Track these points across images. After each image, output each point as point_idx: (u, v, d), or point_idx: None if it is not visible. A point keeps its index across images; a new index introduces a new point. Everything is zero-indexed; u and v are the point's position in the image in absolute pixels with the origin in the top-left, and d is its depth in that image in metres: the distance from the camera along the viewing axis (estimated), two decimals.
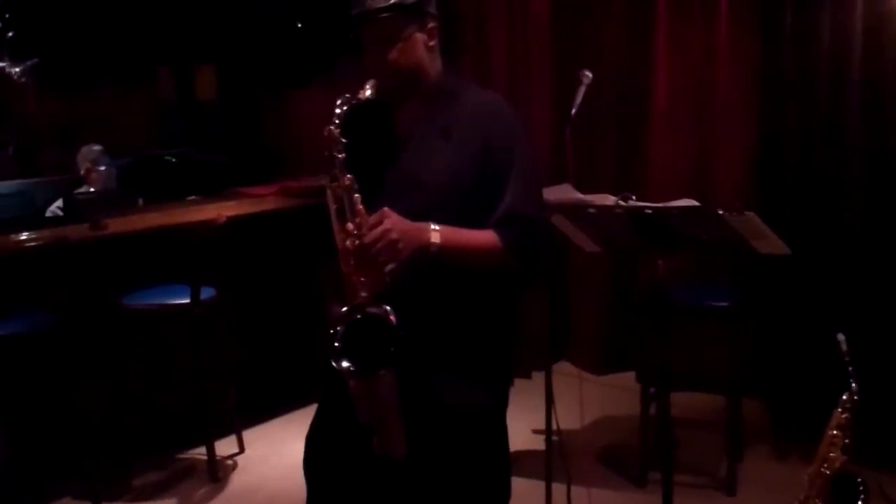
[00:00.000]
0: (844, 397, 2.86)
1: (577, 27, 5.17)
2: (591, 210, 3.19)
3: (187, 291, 4.32)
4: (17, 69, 6.58)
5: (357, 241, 2.16)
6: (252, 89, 7.14)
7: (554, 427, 3.70)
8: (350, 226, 2.19)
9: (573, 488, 3.78)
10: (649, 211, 3.10)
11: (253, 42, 6.87)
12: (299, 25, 6.62)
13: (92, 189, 5.79)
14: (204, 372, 4.43)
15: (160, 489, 4.36)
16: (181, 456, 4.63)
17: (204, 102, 7.47)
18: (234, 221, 4.63)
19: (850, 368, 2.85)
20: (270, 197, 5.19)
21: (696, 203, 3.07)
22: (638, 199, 3.25)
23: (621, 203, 3.17)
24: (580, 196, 3.29)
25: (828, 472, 2.76)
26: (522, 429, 4.79)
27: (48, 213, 5.78)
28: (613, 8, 5.13)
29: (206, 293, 4.38)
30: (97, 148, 5.94)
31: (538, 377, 5.05)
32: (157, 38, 7.18)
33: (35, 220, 5.45)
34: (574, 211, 3.23)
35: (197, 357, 4.41)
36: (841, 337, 2.87)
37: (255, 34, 6.84)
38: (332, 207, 2.24)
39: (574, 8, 5.18)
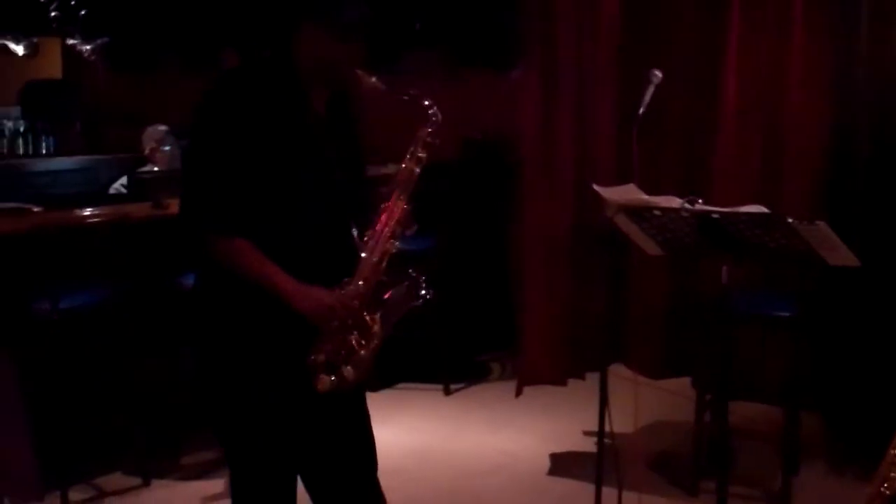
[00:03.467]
0: None
1: (646, 28, 5.09)
2: (657, 212, 3.13)
3: None
4: (88, 47, 6.67)
5: None
6: None
7: (606, 429, 3.65)
8: None
9: (623, 493, 3.73)
10: (717, 215, 3.04)
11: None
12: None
13: (156, 168, 5.83)
14: None
15: (208, 467, 4.39)
16: None
17: None
18: None
19: None
20: None
21: (765, 210, 3.00)
22: (705, 204, 3.19)
23: (688, 206, 3.11)
24: (645, 197, 3.23)
25: (888, 493, 2.69)
26: (573, 429, 4.77)
27: (111, 191, 5.84)
28: (684, 10, 5.03)
29: None
30: (163, 128, 5.99)
31: (591, 378, 5.01)
32: (223, 18, 7.20)
33: (99, 196, 5.51)
34: (638, 212, 3.17)
35: None
36: None
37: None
38: None
39: (644, 9, 5.10)
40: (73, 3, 6.55)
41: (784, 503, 4.01)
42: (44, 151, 6.99)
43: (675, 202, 3.16)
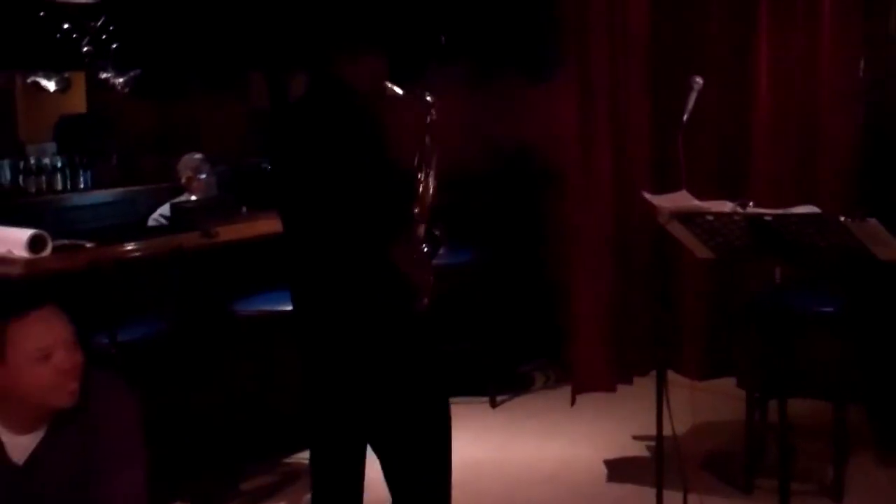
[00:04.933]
0: None
1: (676, 35, 5.17)
2: (709, 217, 3.21)
3: None
4: (121, 79, 6.77)
5: None
6: None
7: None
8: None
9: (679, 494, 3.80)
10: (769, 218, 3.11)
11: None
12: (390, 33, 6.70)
13: (193, 197, 5.90)
14: None
15: (268, 493, 4.45)
16: (288, 460, 4.72)
17: None
18: None
19: None
20: None
21: (817, 209, 3.07)
22: (755, 206, 3.27)
23: (740, 210, 3.18)
24: (697, 203, 3.31)
25: None
26: (623, 434, 4.83)
27: (151, 222, 5.89)
28: (714, 18, 5.11)
29: None
30: (198, 156, 6.06)
31: (639, 382, 5.07)
32: (249, 43, 7.30)
33: (139, 228, 5.58)
34: (691, 218, 3.24)
35: None
36: None
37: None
38: None
39: (674, 19, 5.18)
40: (104, 37, 6.65)
41: (836, 496, 4.08)
42: (81, 186, 7.08)
43: (726, 206, 3.24)
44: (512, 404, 5.44)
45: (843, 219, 2.98)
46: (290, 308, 4.35)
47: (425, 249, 3.17)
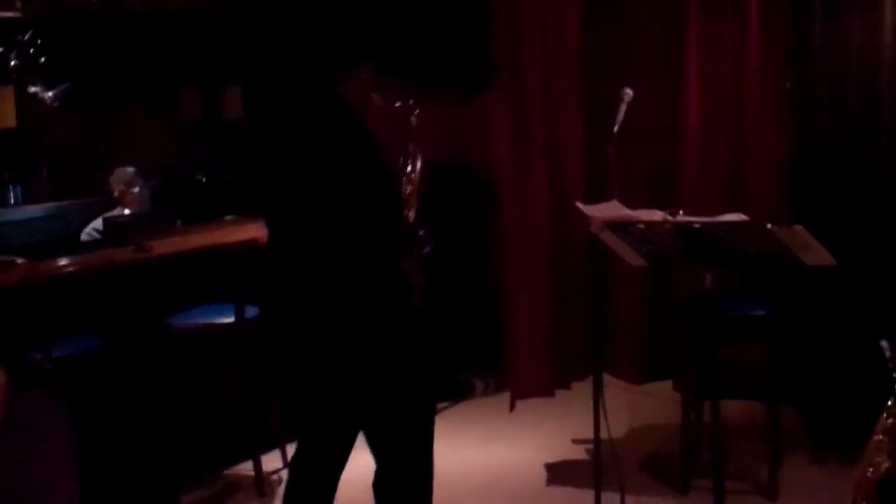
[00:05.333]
0: (890, 403, 2.95)
1: (608, 51, 5.25)
2: (641, 226, 3.28)
3: (232, 310, 4.40)
4: (51, 93, 6.68)
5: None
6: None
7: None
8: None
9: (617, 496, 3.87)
10: (698, 226, 3.19)
11: (277, 61, 6.95)
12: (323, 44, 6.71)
13: (126, 211, 5.85)
14: (249, 389, 4.51)
15: None
16: (228, 472, 4.70)
17: (231, 123, 7.55)
18: None
19: (895, 375, 2.94)
20: None
21: (744, 217, 3.15)
22: (684, 215, 3.34)
23: (670, 218, 3.26)
24: (629, 212, 3.38)
25: (873, 477, 2.83)
26: (562, 438, 4.89)
27: (84, 236, 5.83)
28: (643, 27, 5.20)
29: (250, 312, 4.47)
30: (130, 170, 6.00)
31: (578, 387, 5.13)
32: (182, 58, 7.26)
33: (72, 242, 5.51)
34: (623, 227, 3.31)
35: (242, 374, 4.50)
36: (885, 344, 2.96)
37: (280, 53, 6.93)
38: None
39: (605, 32, 5.27)
40: (32, 51, 6.56)
41: (772, 494, 4.18)
42: (12, 201, 6.97)
43: (657, 215, 3.31)
44: (452, 412, 5.47)
45: (769, 226, 3.07)
46: (225, 320, 4.40)
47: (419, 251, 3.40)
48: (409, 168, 3.45)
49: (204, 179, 6.72)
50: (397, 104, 3.45)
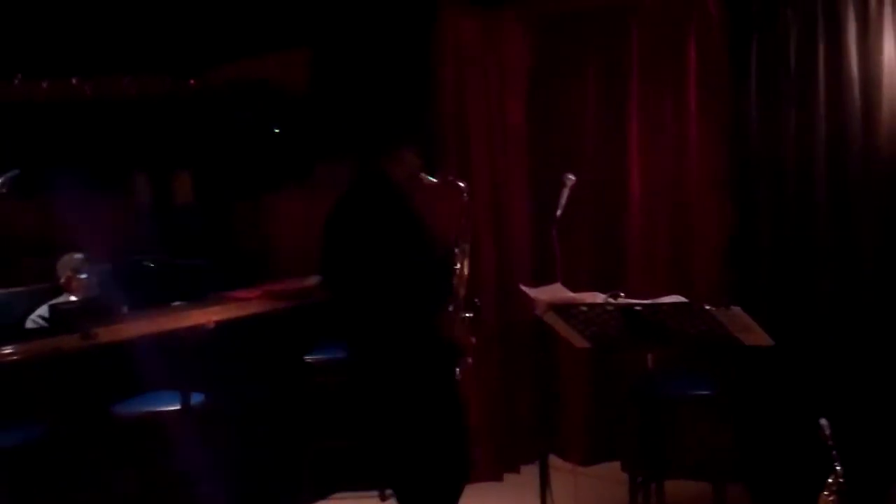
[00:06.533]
0: (830, 480, 3.00)
1: (554, 135, 5.37)
2: (583, 308, 3.33)
3: (177, 397, 4.36)
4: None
5: None
6: (229, 194, 7.26)
7: None
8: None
9: None
10: (639, 307, 3.24)
11: (230, 148, 7.02)
12: (276, 131, 6.80)
13: (73, 298, 5.79)
14: (195, 478, 4.44)
15: None
16: None
17: (180, 207, 7.56)
18: (220, 326, 4.73)
19: (834, 452, 2.99)
20: (254, 300, 5.26)
21: (684, 299, 3.22)
22: (626, 297, 3.40)
23: (611, 301, 3.32)
24: (571, 295, 3.43)
25: None
26: None
27: (29, 324, 5.75)
28: (587, 113, 5.34)
29: (196, 398, 4.43)
30: (78, 256, 5.95)
31: (526, 470, 5.11)
32: (133, 145, 7.29)
33: (20, 330, 5.44)
34: (566, 309, 3.35)
35: (188, 463, 4.43)
36: (823, 422, 3.01)
37: (232, 140, 7.01)
38: None
39: (549, 117, 5.40)
40: None
41: None
42: None
43: (599, 298, 3.37)
44: None
45: (708, 307, 3.13)
46: (171, 408, 4.36)
47: (467, 315, 3.71)
48: (462, 242, 3.79)
49: (153, 265, 6.68)
50: (450, 181, 3.86)
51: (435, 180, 3.82)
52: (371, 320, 3.58)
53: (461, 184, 3.85)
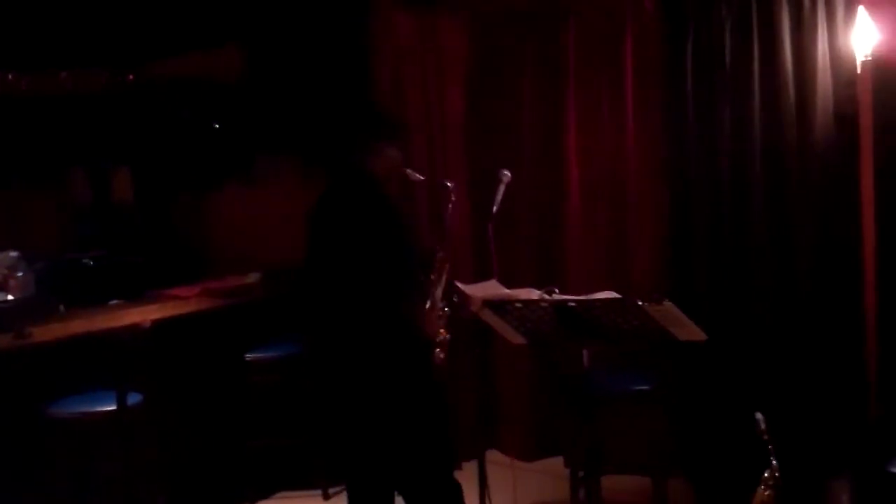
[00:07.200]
0: (766, 474, 3.02)
1: (491, 131, 5.38)
2: (518, 304, 3.33)
3: (113, 398, 4.30)
4: None
5: None
6: (169, 190, 7.18)
7: None
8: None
9: None
10: (573, 304, 3.25)
11: (169, 143, 6.94)
12: (216, 126, 6.72)
13: (10, 297, 5.69)
14: (132, 479, 4.39)
15: None
16: None
17: (119, 204, 7.46)
18: (158, 324, 4.67)
19: (770, 447, 3.01)
20: (193, 298, 5.20)
21: (617, 295, 3.23)
22: (561, 293, 3.41)
23: (546, 297, 3.32)
24: (506, 291, 3.43)
25: None
26: None
27: None
28: (525, 108, 5.36)
29: (133, 399, 4.38)
30: (14, 254, 5.83)
31: (468, 466, 5.10)
32: (70, 141, 7.16)
33: None
34: (501, 306, 3.35)
35: (125, 464, 4.38)
36: (759, 416, 3.03)
37: (172, 136, 6.92)
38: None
39: (488, 113, 5.40)
40: None
41: None
42: None
43: (534, 294, 3.37)
44: (345, 495, 5.36)
45: (640, 303, 3.15)
46: (106, 408, 4.30)
47: (445, 309, 3.75)
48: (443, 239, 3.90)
49: (91, 263, 6.59)
50: (437, 181, 4.09)
51: (421, 177, 3.95)
52: (346, 313, 3.62)
53: (448, 184, 3.98)
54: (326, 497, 5.31)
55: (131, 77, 7.01)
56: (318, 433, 5.25)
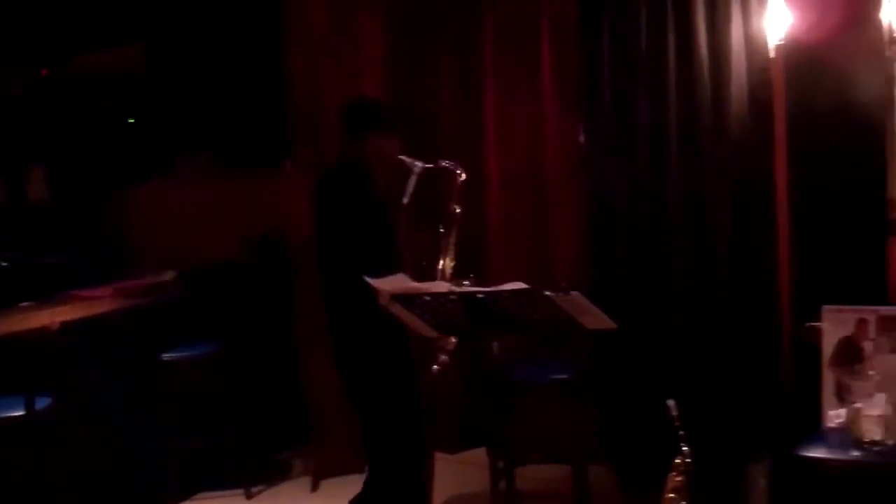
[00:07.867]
0: (677, 461, 3.02)
1: (409, 122, 5.31)
2: (427, 297, 3.28)
3: (21, 402, 4.19)
4: None
5: None
6: (88, 188, 7.04)
7: None
8: None
9: None
10: (481, 295, 3.21)
11: (84, 141, 6.80)
12: (131, 121, 6.60)
13: None
14: (44, 485, 4.28)
15: None
16: None
17: (36, 204, 7.31)
18: (69, 326, 4.56)
19: (681, 433, 3.01)
20: (106, 298, 5.09)
21: (525, 286, 3.19)
22: (477, 283, 3.38)
23: (454, 289, 3.28)
24: (415, 284, 3.38)
25: None
26: None
27: None
28: (443, 98, 5.34)
29: (42, 403, 4.26)
30: None
31: None
32: (29, 135, 7.01)
33: None
34: (410, 299, 3.30)
35: (36, 470, 4.27)
36: (671, 403, 3.03)
37: (86, 133, 6.78)
38: None
39: (405, 104, 5.33)
40: None
41: None
42: None
43: (442, 287, 3.33)
44: (268, 493, 5.30)
45: (547, 293, 3.11)
46: (14, 413, 4.19)
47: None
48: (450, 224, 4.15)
49: (5, 264, 6.43)
50: (443, 166, 4.17)
51: (422, 165, 4.07)
52: (326, 280, 4.07)
53: (458, 171, 4.17)
54: (249, 496, 5.24)
55: (44, 73, 6.87)
56: (242, 432, 5.19)
